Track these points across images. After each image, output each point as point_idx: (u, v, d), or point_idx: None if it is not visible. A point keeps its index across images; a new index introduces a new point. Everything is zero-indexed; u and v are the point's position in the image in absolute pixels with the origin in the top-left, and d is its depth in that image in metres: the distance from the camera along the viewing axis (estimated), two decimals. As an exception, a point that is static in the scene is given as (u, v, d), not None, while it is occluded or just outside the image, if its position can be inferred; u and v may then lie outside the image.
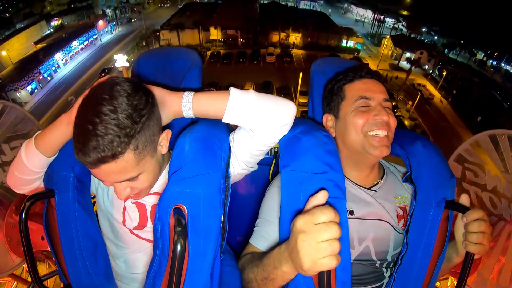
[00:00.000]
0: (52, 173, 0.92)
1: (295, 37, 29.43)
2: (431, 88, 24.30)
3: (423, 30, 34.41)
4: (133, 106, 0.68)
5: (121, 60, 19.99)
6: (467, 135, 19.00)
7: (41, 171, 0.91)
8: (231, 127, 0.95)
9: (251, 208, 1.16)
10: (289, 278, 0.76)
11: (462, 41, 29.93)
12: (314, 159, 0.83)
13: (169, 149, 0.94)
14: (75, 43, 27.47)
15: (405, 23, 34.60)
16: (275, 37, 29.38)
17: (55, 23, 31.72)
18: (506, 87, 22.81)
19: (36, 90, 21.97)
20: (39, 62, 22.72)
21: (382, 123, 0.91)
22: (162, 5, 43.98)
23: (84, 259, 0.91)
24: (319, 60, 1.16)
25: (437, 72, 26.22)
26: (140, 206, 0.94)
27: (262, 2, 38.86)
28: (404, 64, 26.85)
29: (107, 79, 0.72)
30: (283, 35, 29.20)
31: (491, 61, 29.72)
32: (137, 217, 0.94)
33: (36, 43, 26.33)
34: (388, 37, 30.56)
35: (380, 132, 0.91)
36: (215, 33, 29.12)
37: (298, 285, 0.77)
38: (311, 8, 43.61)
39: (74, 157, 0.85)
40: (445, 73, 23.30)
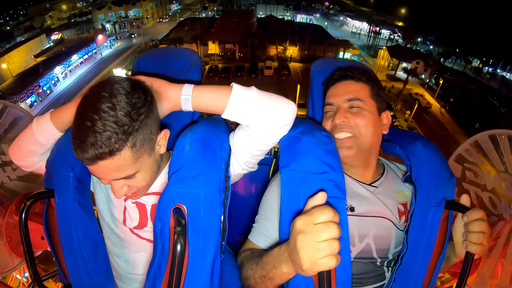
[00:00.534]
0: (52, 173, 0.92)
1: (292, 50, 29.83)
2: (428, 97, 24.49)
3: (419, 40, 35.02)
4: (132, 104, 0.69)
5: (120, 74, 20.37)
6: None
7: (45, 144, 0.92)
8: (231, 127, 0.96)
9: (251, 208, 1.15)
10: (287, 278, 0.76)
11: (457, 50, 30.44)
12: (314, 159, 0.83)
13: (169, 149, 0.94)
14: (74, 57, 27.78)
15: (400, 34, 35.26)
16: (272, 51, 29.73)
17: (55, 37, 32.18)
18: (502, 92, 23.05)
19: (35, 103, 22.10)
20: (38, 75, 22.92)
21: (338, 126, 0.94)
22: (161, 20, 44.68)
23: (84, 259, 0.91)
24: (319, 60, 1.17)
25: (433, 81, 26.47)
26: (140, 206, 0.93)
27: (259, 16, 39.75)
28: (400, 74, 27.13)
29: (107, 78, 0.73)
30: (280, 48, 29.62)
31: (486, 68, 30.11)
32: (137, 217, 0.94)
33: (36, 56, 26.61)
34: (384, 48, 31.00)
35: (339, 135, 0.94)
36: (213, 47, 29.47)
37: (298, 285, 0.77)
38: (308, 21, 44.48)
39: (74, 157, 0.88)
40: (441, 82, 23.52)
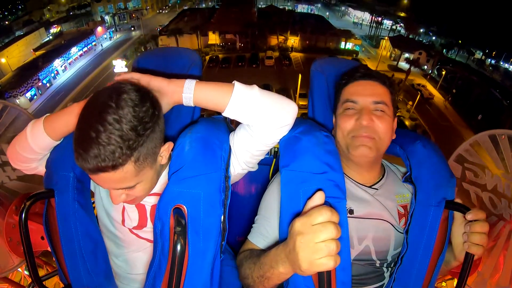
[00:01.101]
0: (52, 173, 0.92)
1: (293, 40, 29.55)
2: (431, 88, 24.28)
3: (421, 31, 34.55)
4: (139, 118, 0.67)
5: (119, 65, 20.14)
6: (468, 134, 19.02)
7: (41, 153, 0.90)
8: (231, 127, 0.95)
9: (251, 208, 1.15)
10: (284, 278, 0.76)
11: (460, 41, 30.04)
12: (314, 159, 0.82)
13: None
14: (74, 50, 27.59)
15: (403, 25, 34.73)
16: (273, 41, 29.48)
17: (54, 30, 31.89)
18: (505, 85, 22.79)
19: (35, 96, 22.02)
20: (38, 68, 22.80)
21: (363, 128, 0.90)
22: (160, 11, 44.27)
23: (84, 259, 0.91)
24: (319, 60, 1.16)
25: (436, 72, 26.24)
26: (139, 206, 0.93)
27: (259, 6, 39.14)
28: (403, 64, 26.88)
29: (114, 84, 0.71)
30: (281, 38, 29.32)
31: (489, 60, 29.74)
32: (136, 217, 0.93)
33: (35, 50, 26.42)
34: (386, 38, 30.64)
35: (362, 135, 0.91)
36: (214, 38, 29.22)
37: (298, 285, 0.77)
38: (309, 11, 43.88)
39: (74, 157, 0.86)
40: (444, 73, 23.29)
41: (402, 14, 34.66)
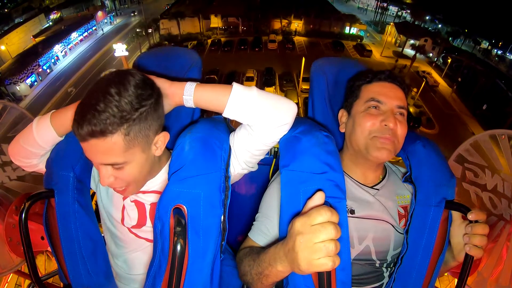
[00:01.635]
0: (52, 173, 0.92)
1: (297, 24, 29.07)
2: (436, 75, 23.95)
3: (427, 18, 33.64)
4: (137, 95, 0.71)
5: (120, 49, 19.70)
6: (473, 123, 18.91)
7: (45, 147, 0.91)
8: (231, 127, 0.95)
9: (251, 208, 1.15)
10: (282, 276, 0.76)
11: (466, 30, 29.25)
12: (314, 159, 0.82)
13: (170, 148, 0.95)
14: (74, 35, 27.21)
15: (409, 11, 33.74)
16: (276, 24, 29.05)
17: (54, 16, 31.26)
18: (511, 76, 22.30)
19: (35, 83, 21.81)
20: (38, 55, 22.51)
21: (388, 130, 0.90)
22: (162, -6, 43.22)
23: (84, 259, 0.92)
24: (320, 60, 1.14)
25: (441, 60, 25.80)
26: (139, 204, 0.94)
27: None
28: (408, 51, 26.47)
29: (124, 69, 0.76)
30: (284, 22, 28.79)
31: (495, 50, 29.04)
32: (135, 216, 0.94)
33: (35, 36, 25.98)
34: (391, 24, 29.99)
35: (385, 137, 0.90)
36: (216, 21, 28.75)
37: (298, 285, 0.77)
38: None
39: (74, 157, 0.88)
40: (450, 60, 22.90)
41: (408, 0, 33.54)
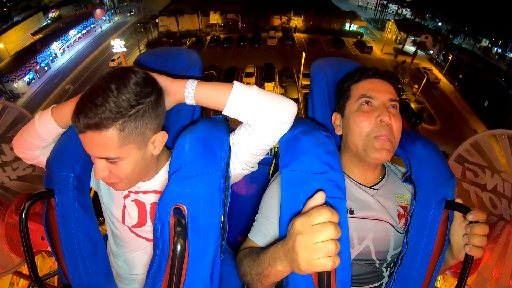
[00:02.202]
0: (52, 173, 0.92)
1: (296, 21, 29.03)
2: (437, 72, 23.92)
3: (427, 16, 33.45)
4: (136, 92, 0.71)
5: (118, 45, 19.58)
6: (474, 120, 18.94)
7: (47, 139, 0.92)
8: (231, 127, 0.95)
9: (251, 208, 1.15)
10: (282, 276, 0.76)
11: (466, 28, 29.11)
12: (314, 159, 0.82)
13: (170, 148, 0.95)
14: (72, 32, 27.12)
15: (408, 9, 33.59)
16: (276, 21, 29.07)
17: (53, 14, 31.11)
18: (511, 74, 22.27)
19: (33, 80, 21.61)
20: (36, 52, 22.38)
21: (384, 126, 0.88)
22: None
23: (84, 259, 0.92)
24: (320, 60, 1.14)
25: (442, 57, 25.76)
26: (139, 204, 0.94)
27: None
28: (408, 48, 26.37)
29: (128, 66, 0.78)
30: (284, 18, 28.67)
31: (495, 48, 28.96)
32: (136, 215, 0.94)
33: (33, 34, 25.87)
34: (392, 21, 29.91)
35: (382, 137, 0.89)
36: (215, 18, 28.69)
37: (298, 285, 0.77)
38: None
39: (74, 157, 0.90)
40: (450, 57, 22.86)
41: None
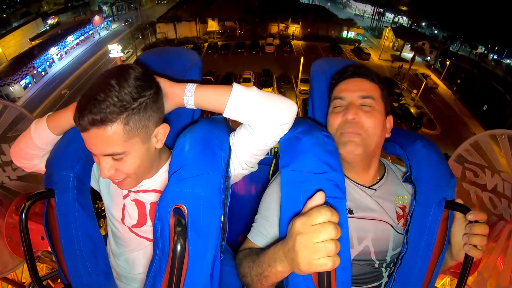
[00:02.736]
0: (52, 173, 0.92)
1: (294, 28, 29.15)
2: (435, 78, 24.16)
3: (423, 24, 34.00)
4: (137, 86, 0.72)
5: (115, 50, 19.52)
6: (474, 124, 19.08)
7: (44, 148, 0.93)
8: (231, 127, 0.95)
9: (251, 208, 1.15)
10: (282, 276, 0.76)
11: (462, 35, 29.64)
12: (314, 159, 0.82)
13: (170, 148, 0.95)
14: (70, 38, 27.08)
15: (405, 18, 34.05)
16: (274, 28, 29.13)
17: (52, 21, 31.15)
18: (508, 80, 22.56)
19: (30, 85, 21.50)
20: (33, 57, 22.30)
21: (349, 123, 0.91)
22: (159, 2, 43.37)
23: (84, 259, 0.92)
24: (320, 60, 1.15)
25: (439, 64, 25.98)
26: (139, 203, 0.94)
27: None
28: (406, 55, 26.57)
29: (124, 64, 0.78)
30: (282, 26, 28.87)
31: (491, 54, 29.40)
32: (136, 215, 0.94)
33: (31, 39, 25.81)
34: (389, 28, 30.14)
35: (348, 130, 0.91)
36: (213, 25, 28.75)
37: (298, 285, 0.77)
38: (310, 3, 43.09)
39: (74, 157, 0.90)
40: (448, 62, 23.05)
41: (404, 8, 33.82)
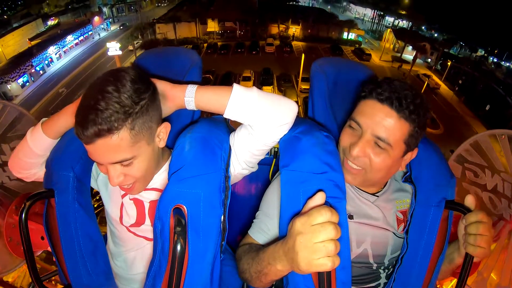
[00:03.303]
0: (52, 173, 0.92)
1: (294, 29, 29.17)
2: (436, 79, 24.13)
3: (423, 27, 34.14)
4: (135, 89, 0.71)
5: (113, 48, 19.32)
6: (477, 124, 19.06)
7: (42, 154, 0.93)
8: (231, 127, 0.95)
9: (251, 208, 1.15)
10: (281, 275, 0.77)
11: (462, 39, 29.83)
12: (314, 159, 0.82)
13: (170, 148, 0.95)
14: (69, 38, 26.95)
15: (405, 21, 34.15)
16: (274, 29, 29.15)
17: (52, 22, 31.10)
18: (509, 83, 22.66)
19: (27, 83, 21.33)
20: (32, 56, 22.16)
21: (351, 157, 0.85)
22: (159, 4, 43.46)
23: (84, 259, 0.92)
24: (320, 60, 1.14)
25: (439, 66, 26.02)
26: (138, 202, 0.94)
27: (260, -1, 38.31)
28: (406, 56, 26.55)
29: (116, 68, 0.77)
30: (282, 27, 28.88)
31: (491, 57, 29.54)
32: (134, 214, 0.94)
33: (31, 39, 25.66)
34: (389, 30, 30.09)
35: (350, 163, 0.87)
36: (213, 25, 28.70)
37: (298, 285, 0.77)
38: (310, 6, 43.30)
39: (74, 157, 0.89)
40: (449, 64, 23.06)
41: (403, 12, 33.90)
